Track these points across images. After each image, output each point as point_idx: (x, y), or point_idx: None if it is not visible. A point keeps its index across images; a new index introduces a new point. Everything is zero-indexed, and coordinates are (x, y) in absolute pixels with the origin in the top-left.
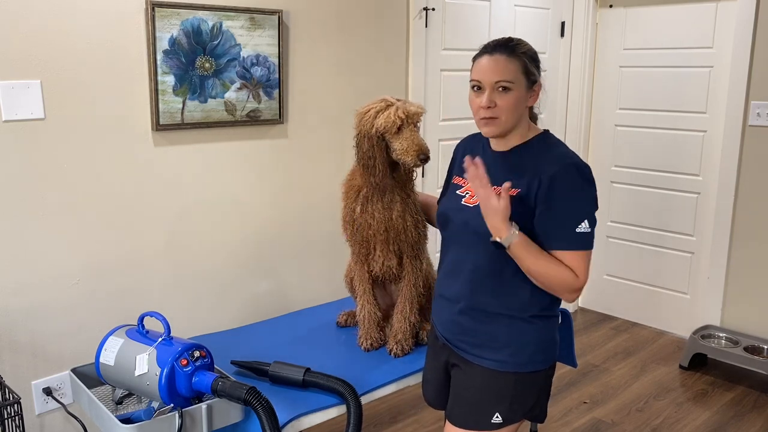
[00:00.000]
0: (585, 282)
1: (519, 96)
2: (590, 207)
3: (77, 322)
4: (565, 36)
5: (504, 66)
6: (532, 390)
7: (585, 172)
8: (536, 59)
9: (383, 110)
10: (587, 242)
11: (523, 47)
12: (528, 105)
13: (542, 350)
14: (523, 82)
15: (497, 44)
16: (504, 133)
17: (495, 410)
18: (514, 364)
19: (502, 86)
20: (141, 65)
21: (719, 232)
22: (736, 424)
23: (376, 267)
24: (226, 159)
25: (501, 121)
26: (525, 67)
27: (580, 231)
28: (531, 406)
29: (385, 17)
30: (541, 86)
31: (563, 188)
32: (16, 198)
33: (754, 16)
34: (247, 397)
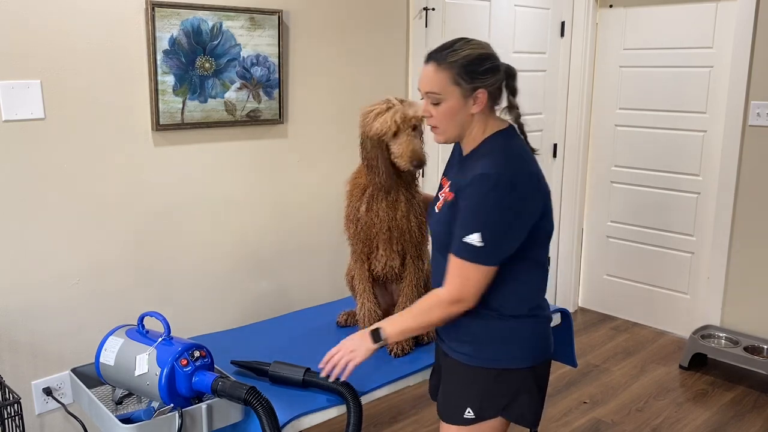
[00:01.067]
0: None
1: (452, 106)
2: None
3: (77, 322)
4: (565, 36)
5: (431, 77)
6: (503, 388)
7: (493, 182)
8: (473, 67)
9: (382, 113)
10: (473, 254)
11: (455, 55)
12: (472, 113)
13: (517, 348)
14: (456, 91)
15: (433, 51)
16: (449, 140)
17: (467, 405)
18: (479, 359)
19: (432, 98)
20: (141, 65)
21: (719, 232)
22: (736, 424)
23: (378, 266)
24: (226, 159)
25: (440, 130)
26: (455, 77)
27: (466, 241)
28: (505, 405)
29: (385, 17)
30: (485, 93)
31: (466, 197)
32: (16, 198)
33: (754, 16)
34: (247, 397)
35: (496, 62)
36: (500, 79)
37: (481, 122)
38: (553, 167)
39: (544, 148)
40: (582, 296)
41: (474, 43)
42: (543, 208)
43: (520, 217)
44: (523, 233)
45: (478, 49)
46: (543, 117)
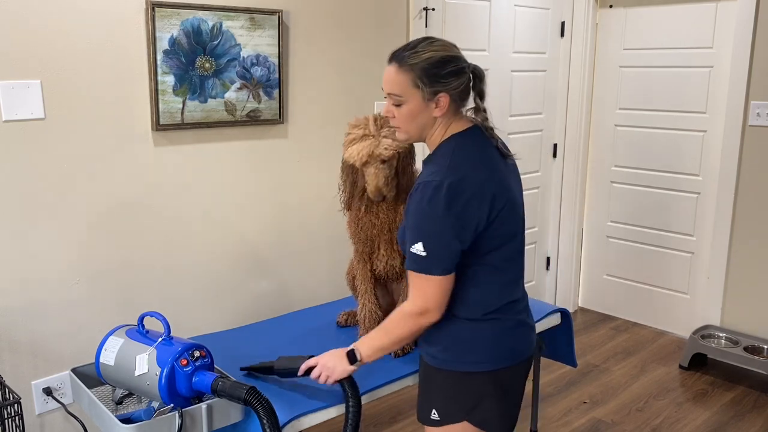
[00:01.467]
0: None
1: (412, 109)
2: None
3: (77, 322)
4: (565, 36)
5: (392, 78)
6: (468, 391)
7: (430, 192)
8: (435, 70)
9: (356, 141)
10: (420, 265)
11: (418, 57)
12: (434, 116)
13: (474, 352)
14: (417, 94)
15: (395, 51)
16: (411, 141)
17: (432, 406)
18: (443, 361)
19: (393, 99)
20: (141, 65)
21: (719, 232)
22: (736, 424)
23: (379, 266)
24: (226, 159)
25: (402, 130)
26: (415, 80)
27: (413, 251)
28: (470, 409)
29: (385, 17)
30: (447, 97)
31: (409, 206)
32: (16, 198)
33: (754, 16)
34: (247, 397)
35: (460, 64)
36: (464, 81)
37: (444, 125)
38: (553, 167)
39: (544, 148)
40: (582, 296)
41: (438, 44)
42: (490, 212)
43: (461, 223)
44: (466, 240)
45: (441, 51)
46: (543, 117)
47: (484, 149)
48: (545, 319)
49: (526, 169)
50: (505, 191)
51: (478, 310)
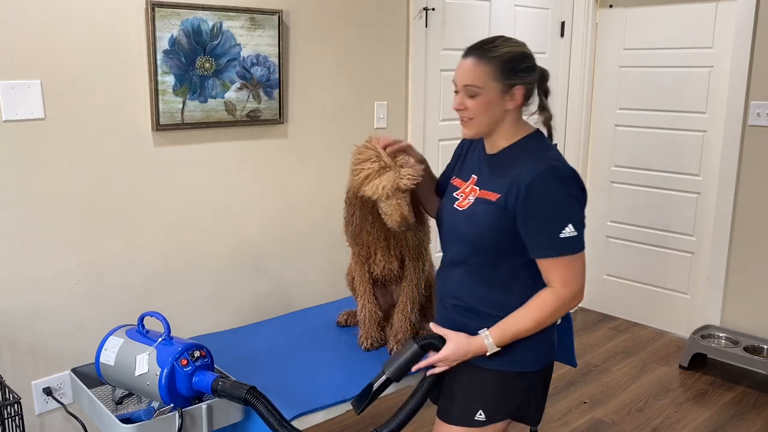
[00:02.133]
0: (578, 287)
1: (489, 100)
2: (574, 210)
3: (77, 322)
4: (565, 36)
5: (472, 70)
6: (517, 390)
7: (562, 174)
8: (515, 63)
9: (373, 176)
10: (574, 246)
11: (498, 51)
12: (506, 109)
13: (530, 351)
14: (495, 86)
15: (473, 46)
16: (479, 134)
17: (478, 407)
18: (499, 363)
19: (469, 91)
20: (141, 65)
21: (719, 232)
22: (736, 424)
23: (377, 270)
24: (226, 159)
25: (473, 123)
26: (496, 72)
27: (564, 236)
28: (516, 407)
29: (385, 17)
30: (522, 90)
31: (541, 196)
32: (16, 198)
33: (754, 16)
34: (247, 396)
35: (534, 62)
36: (535, 78)
37: (513, 121)
38: None
39: None
40: None
41: (513, 41)
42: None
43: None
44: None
45: (517, 47)
46: None
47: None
48: None
49: None
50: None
51: None
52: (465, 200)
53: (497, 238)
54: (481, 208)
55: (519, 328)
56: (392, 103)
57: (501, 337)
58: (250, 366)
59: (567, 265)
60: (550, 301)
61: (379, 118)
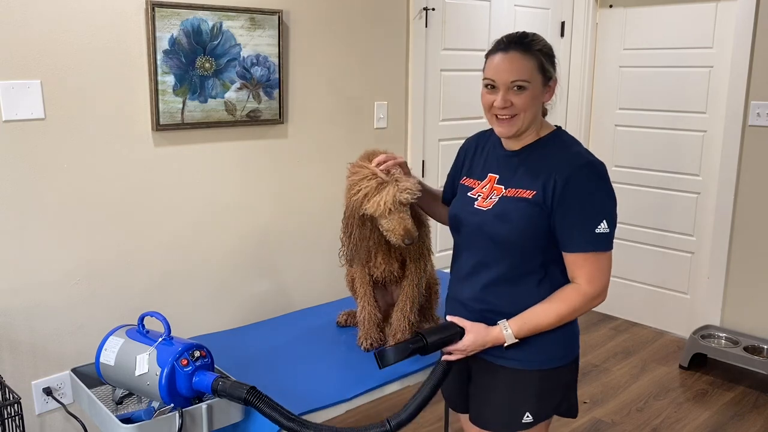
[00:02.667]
0: (603, 285)
1: (535, 94)
2: (608, 206)
3: (77, 322)
4: (565, 36)
5: (519, 64)
6: (557, 386)
7: (600, 170)
8: (551, 55)
9: (373, 193)
10: (606, 243)
11: (538, 43)
12: (543, 102)
13: (563, 346)
14: (539, 79)
15: (511, 40)
16: (520, 131)
17: (525, 410)
18: (538, 362)
19: (518, 85)
20: (141, 65)
21: (719, 232)
22: (736, 424)
23: (377, 272)
24: (226, 159)
25: (518, 119)
26: (541, 64)
27: (599, 232)
28: (559, 402)
29: (385, 17)
30: (556, 82)
31: (579, 189)
32: (16, 198)
33: (754, 16)
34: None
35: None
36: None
37: (538, 116)
38: None
39: None
40: None
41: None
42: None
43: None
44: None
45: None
46: None
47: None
48: None
49: None
50: None
51: None
52: (487, 199)
53: (531, 235)
54: (513, 206)
55: (540, 322)
56: (392, 103)
57: (520, 330)
58: (250, 366)
59: (595, 262)
60: (573, 297)
61: (379, 118)
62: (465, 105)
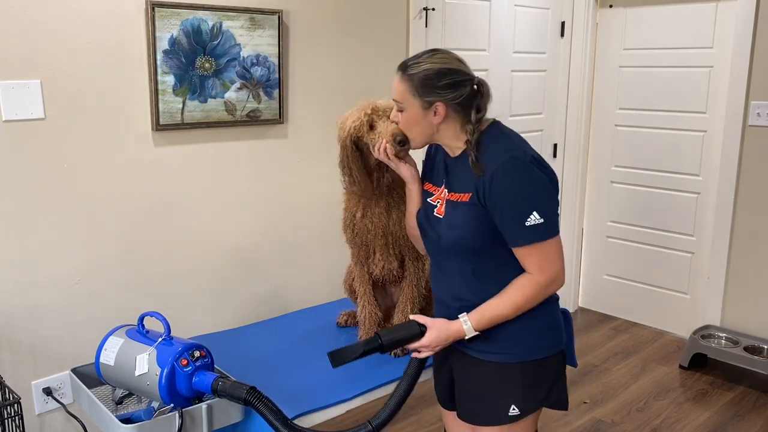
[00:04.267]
0: (555, 272)
1: (412, 116)
2: (537, 196)
3: (77, 322)
4: (565, 36)
5: (396, 86)
6: (543, 377)
7: (522, 161)
8: (431, 81)
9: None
10: (542, 233)
11: (416, 68)
12: (435, 123)
13: (545, 336)
14: (416, 102)
15: (402, 62)
16: (418, 145)
17: (510, 402)
18: (520, 354)
19: (397, 105)
20: (141, 65)
21: (719, 232)
22: (736, 424)
23: (376, 270)
24: (226, 159)
25: (409, 135)
26: (412, 89)
27: (530, 224)
28: (546, 394)
29: (385, 17)
30: (444, 106)
31: (503, 185)
32: (16, 198)
33: (754, 16)
34: (247, 397)
35: (458, 78)
36: (463, 93)
37: (453, 129)
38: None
39: (544, 148)
40: (582, 296)
41: (439, 56)
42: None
43: (554, 187)
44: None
45: (440, 63)
46: (543, 117)
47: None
48: None
49: None
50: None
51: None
52: (441, 206)
53: (479, 236)
54: (457, 211)
55: (497, 313)
56: None
57: (479, 322)
58: (250, 366)
59: (540, 252)
60: (528, 286)
61: None
62: None
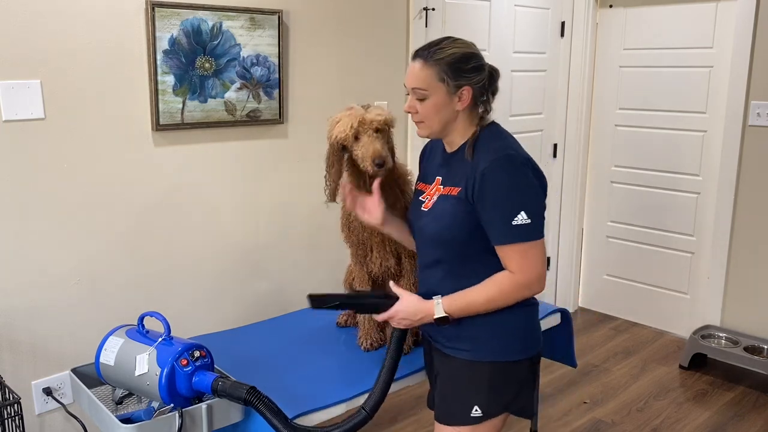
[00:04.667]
0: (535, 274)
1: (437, 102)
2: (526, 197)
3: (77, 322)
4: (565, 36)
5: (417, 73)
6: (510, 381)
7: (516, 161)
8: (459, 65)
9: (342, 119)
10: (527, 234)
11: (441, 53)
12: (457, 110)
13: (518, 339)
14: (442, 88)
15: (419, 49)
16: (433, 135)
17: (473, 403)
18: (488, 353)
19: (418, 94)
20: (141, 65)
21: (719, 232)
22: (736, 424)
23: (374, 268)
24: (226, 159)
25: (425, 125)
26: (440, 74)
27: (517, 224)
28: (511, 399)
29: (385, 17)
30: (470, 91)
31: (493, 182)
32: (16, 198)
33: (754, 16)
34: (247, 396)
35: (481, 62)
36: (484, 78)
37: (466, 119)
38: (553, 167)
39: (544, 148)
40: (582, 296)
41: (460, 42)
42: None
43: (543, 191)
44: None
45: (463, 48)
46: (543, 117)
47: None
48: (545, 319)
49: None
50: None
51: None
52: (430, 201)
53: (463, 231)
54: (446, 204)
55: (469, 300)
56: (392, 103)
57: (450, 305)
58: (250, 366)
59: (522, 253)
60: (505, 281)
61: None
62: None
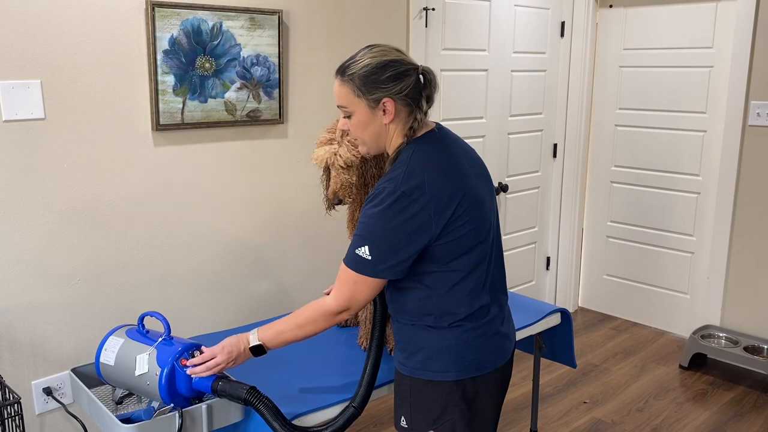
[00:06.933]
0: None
1: (361, 119)
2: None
3: (77, 322)
4: (565, 36)
5: (338, 91)
6: (431, 401)
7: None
8: (373, 76)
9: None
10: (363, 267)
11: (355, 66)
12: (385, 123)
13: (437, 360)
14: (361, 103)
15: (337, 67)
16: (372, 152)
17: (401, 413)
18: (410, 369)
19: (344, 111)
20: (141, 65)
21: (719, 232)
22: (736, 424)
23: None
24: (226, 159)
25: (360, 143)
26: (355, 90)
27: (358, 253)
28: (435, 419)
29: (385, 17)
30: (393, 102)
31: (364, 209)
32: (16, 198)
33: (754, 16)
34: (247, 396)
35: (402, 68)
36: (409, 84)
37: (399, 132)
38: (553, 167)
39: (544, 148)
40: (582, 296)
41: (377, 49)
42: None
43: (410, 233)
44: (415, 249)
45: (379, 56)
46: (543, 117)
47: (446, 152)
48: (545, 319)
49: (525, 169)
50: (470, 194)
51: (444, 318)
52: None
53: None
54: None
55: (281, 327)
56: None
57: (264, 333)
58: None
59: (348, 278)
60: (314, 308)
61: None
62: (465, 105)
